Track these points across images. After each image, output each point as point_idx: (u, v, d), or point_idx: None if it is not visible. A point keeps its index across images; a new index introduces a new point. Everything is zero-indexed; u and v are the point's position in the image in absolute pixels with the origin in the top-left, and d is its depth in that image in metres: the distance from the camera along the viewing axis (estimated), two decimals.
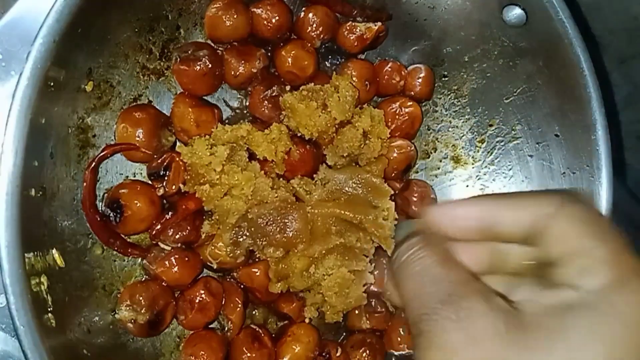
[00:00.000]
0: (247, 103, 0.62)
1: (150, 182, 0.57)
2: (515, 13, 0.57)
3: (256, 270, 0.58)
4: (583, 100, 0.56)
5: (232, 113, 0.63)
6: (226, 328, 0.58)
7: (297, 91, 0.60)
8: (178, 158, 0.56)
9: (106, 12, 0.51)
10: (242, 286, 0.60)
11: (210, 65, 0.56)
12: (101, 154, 0.54)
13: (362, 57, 0.65)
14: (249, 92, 0.61)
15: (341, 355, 0.61)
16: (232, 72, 0.58)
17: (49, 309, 0.47)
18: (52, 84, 0.47)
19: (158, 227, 0.55)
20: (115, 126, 0.55)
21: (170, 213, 0.56)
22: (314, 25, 0.60)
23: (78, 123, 0.52)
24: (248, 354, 0.57)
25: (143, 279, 0.58)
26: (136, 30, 0.55)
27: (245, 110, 0.63)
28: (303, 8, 0.61)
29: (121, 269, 0.57)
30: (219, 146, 0.56)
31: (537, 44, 0.58)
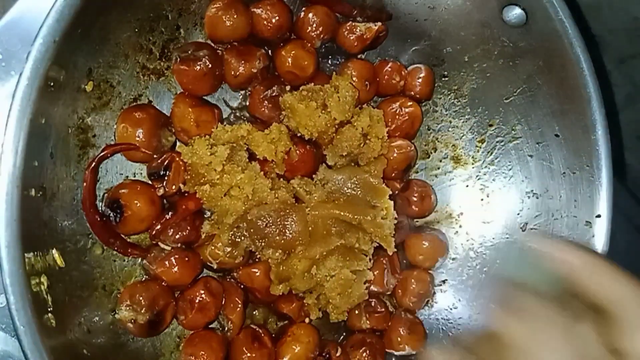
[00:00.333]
0: (247, 103, 0.62)
1: (150, 182, 0.57)
2: (515, 13, 0.57)
3: (256, 270, 0.59)
4: (583, 100, 0.56)
5: (232, 113, 0.63)
6: (226, 328, 0.58)
7: (297, 91, 0.60)
8: (178, 158, 0.56)
9: (106, 12, 0.51)
10: (242, 286, 0.60)
11: (210, 65, 0.56)
12: (101, 154, 0.54)
13: (362, 57, 0.65)
14: (249, 92, 0.61)
15: (341, 355, 0.61)
16: (232, 72, 0.58)
17: (49, 309, 0.47)
18: (52, 84, 0.47)
19: (158, 227, 0.55)
20: (115, 126, 0.55)
21: (170, 213, 0.56)
22: (314, 25, 0.60)
23: (78, 123, 0.52)
24: (248, 354, 0.57)
25: (143, 279, 0.58)
26: (136, 30, 0.55)
27: (245, 110, 0.63)
28: (303, 8, 0.60)
29: (121, 269, 0.57)
30: (219, 146, 0.56)
31: (537, 44, 0.57)
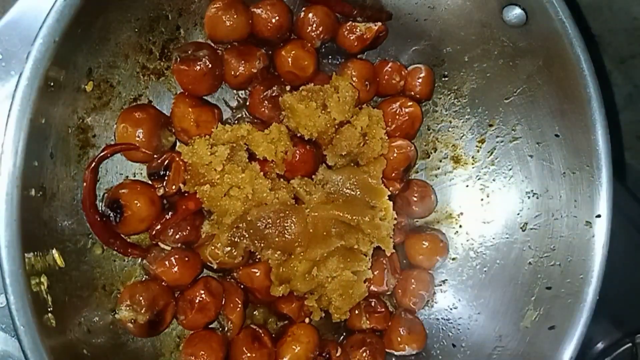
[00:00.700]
0: (247, 103, 0.62)
1: (150, 182, 0.57)
2: (515, 13, 0.57)
3: (256, 270, 0.59)
4: (583, 100, 0.56)
5: (232, 113, 0.63)
6: (226, 328, 0.58)
7: (297, 91, 0.60)
8: (178, 158, 0.56)
9: (106, 12, 0.51)
10: (242, 286, 0.60)
11: (210, 65, 0.56)
12: (101, 154, 0.54)
13: (362, 57, 0.65)
14: (249, 92, 0.61)
15: (341, 355, 0.61)
16: (232, 72, 0.58)
17: (49, 309, 0.47)
18: (52, 84, 0.47)
19: (158, 227, 0.55)
20: (115, 126, 0.55)
21: (170, 213, 0.56)
22: (314, 25, 0.60)
23: (78, 123, 0.52)
24: (248, 354, 0.57)
25: (143, 279, 0.58)
26: (136, 30, 0.55)
27: (245, 110, 0.63)
28: (303, 8, 0.61)
29: (121, 269, 0.57)
30: (219, 146, 0.56)
31: (537, 44, 0.57)
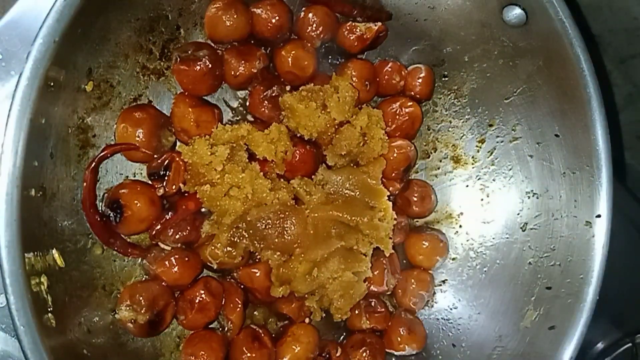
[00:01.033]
0: (247, 103, 0.62)
1: (150, 182, 0.57)
2: (515, 13, 0.57)
3: (256, 270, 0.58)
4: (583, 100, 0.56)
5: (232, 113, 0.63)
6: (226, 328, 0.58)
7: (297, 91, 0.60)
8: (178, 158, 0.56)
9: (106, 12, 0.51)
10: (242, 286, 0.60)
11: (210, 65, 0.56)
12: (101, 154, 0.54)
13: (362, 57, 0.65)
14: (249, 92, 0.61)
15: (341, 355, 0.61)
16: (232, 72, 0.58)
17: (49, 309, 0.47)
18: (52, 84, 0.47)
19: (158, 227, 0.55)
20: (115, 126, 0.55)
21: (170, 213, 0.56)
22: (314, 25, 0.60)
23: (78, 123, 0.52)
24: (248, 354, 0.57)
25: (143, 279, 0.58)
26: (136, 30, 0.55)
27: (245, 110, 0.63)
28: (303, 8, 0.60)
29: (121, 269, 0.57)
30: (219, 146, 0.56)
31: (537, 44, 0.57)
